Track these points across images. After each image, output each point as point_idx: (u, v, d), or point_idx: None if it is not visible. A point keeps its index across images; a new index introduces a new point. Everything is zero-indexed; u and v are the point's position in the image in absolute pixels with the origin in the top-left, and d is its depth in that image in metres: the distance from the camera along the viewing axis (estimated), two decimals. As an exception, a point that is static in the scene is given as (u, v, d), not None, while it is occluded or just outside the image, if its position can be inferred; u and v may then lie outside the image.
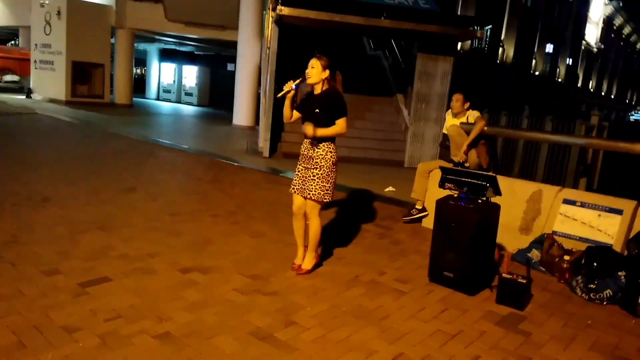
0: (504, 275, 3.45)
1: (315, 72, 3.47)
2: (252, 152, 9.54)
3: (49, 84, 16.87)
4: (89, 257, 3.63)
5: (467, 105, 5.17)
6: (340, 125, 3.48)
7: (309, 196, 3.53)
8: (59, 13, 16.03)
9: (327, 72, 3.49)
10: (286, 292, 3.35)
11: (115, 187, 5.96)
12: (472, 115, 5.12)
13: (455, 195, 3.67)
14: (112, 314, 2.81)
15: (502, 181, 3.84)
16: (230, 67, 20.91)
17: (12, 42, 25.78)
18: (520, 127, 7.41)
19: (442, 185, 3.76)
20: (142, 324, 2.74)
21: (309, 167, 3.55)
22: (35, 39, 17.35)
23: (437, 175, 4.94)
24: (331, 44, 12.30)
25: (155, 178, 6.89)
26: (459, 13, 19.23)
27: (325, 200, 3.56)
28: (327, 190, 3.54)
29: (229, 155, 9.03)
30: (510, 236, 4.48)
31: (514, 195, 4.54)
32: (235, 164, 8.28)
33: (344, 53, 10.79)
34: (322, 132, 3.45)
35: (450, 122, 5.24)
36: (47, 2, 16.66)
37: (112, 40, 17.84)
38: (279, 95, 3.54)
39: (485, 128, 4.98)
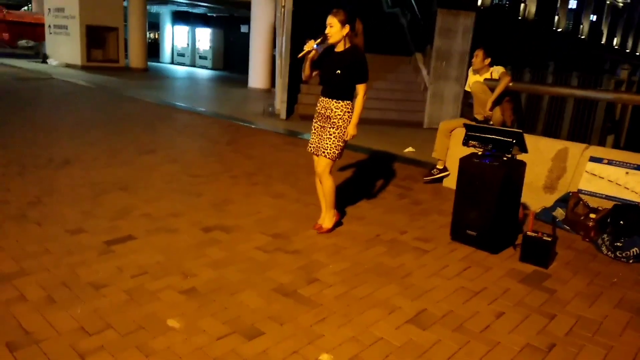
0: (528, 233, 3.40)
1: (335, 31, 3.33)
2: (269, 115, 9.46)
3: (64, 49, 16.84)
4: (113, 217, 3.67)
5: (487, 61, 4.99)
6: (361, 92, 3.42)
7: (323, 154, 3.49)
8: (70, -25, 15.83)
9: (347, 27, 3.35)
10: (308, 250, 3.35)
11: (134, 149, 5.98)
12: (497, 71, 4.94)
13: (480, 153, 3.59)
14: (138, 271, 2.85)
15: (527, 139, 3.73)
16: (244, 28, 20.56)
17: (26, 7, 25.66)
18: (545, 83, 7.18)
19: (465, 143, 3.67)
20: (168, 280, 2.77)
21: (326, 125, 3.49)
22: (48, 4, 17.21)
23: (459, 134, 4.85)
24: (347, 1, 11.96)
25: (173, 140, 6.89)
26: (480, -33, 18.47)
27: (334, 160, 3.52)
28: (340, 148, 3.51)
29: (246, 117, 8.98)
30: (535, 195, 4.40)
31: (538, 153, 4.43)
32: (253, 126, 8.23)
33: (361, 11, 10.47)
34: (354, 124, 3.44)
35: (473, 79, 5.08)
36: (58, -36, 16.46)
37: (125, 4, 17.60)
38: (300, 55, 3.41)
39: (510, 84, 4.82)
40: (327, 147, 3.47)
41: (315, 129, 3.58)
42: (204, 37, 23.09)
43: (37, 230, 3.34)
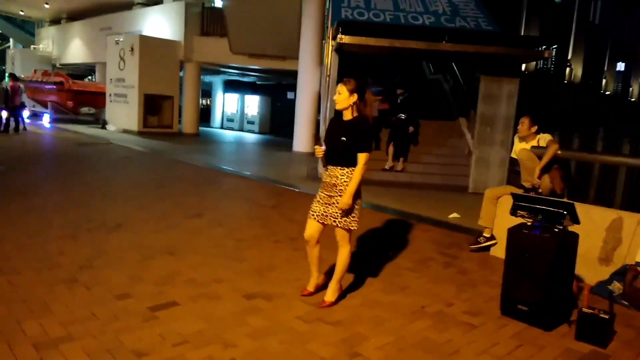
0: (583, 309, 3.20)
1: (342, 98, 3.37)
2: (312, 178, 9.59)
3: (122, 116, 17.97)
4: (158, 282, 3.74)
5: (534, 128, 4.94)
6: (361, 162, 3.34)
7: (334, 224, 3.44)
8: (132, 49, 17.16)
9: (355, 96, 3.37)
10: (349, 321, 3.27)
11: (182, 212, 6.16)
12: (544, 138, 4.87)
13: (529, 224, 3.47)
14: (180, 339, 2.85)
15: (579, 208, 3.60)
16: (290, 95, 21.45)
17: (89, 77, 27.83)
18: (595, 150, 6.98)
19: (513, 212, 3.57)
20: (209, 349, 2.75)
21: (333, 194, 3.43)
22: (110, 74, 18.62)
23: (506, 201, 4.74)
24: (390, 69, 12.33)
25: (220, 204, 7.07)
26: (522, 33, 18.72)
27: (352, 228, 3.46)
28: (353, 217, 3.43)
29: (290, 181, 9.14)
30: (589, 267, 4.18)
31: (591, 223, 4.24)
32: (296, 189, 8.36)
33: (404, 78, 10.75)
34: (350, 194, 3.33)
35: (520, 146, 5.02)
36: (121, 39, 17.92)
37: (181, 74, 18.81)
38: (323, 163, 3.53)
39: (559, 152, 4.72)
40: (338, 215, 3.41)
41: (320, 198, 3.51)
42: (252, 103, 24.22)
43: (85, 295, 3.43)
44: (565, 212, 3.35)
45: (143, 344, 2.77)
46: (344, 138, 3.37)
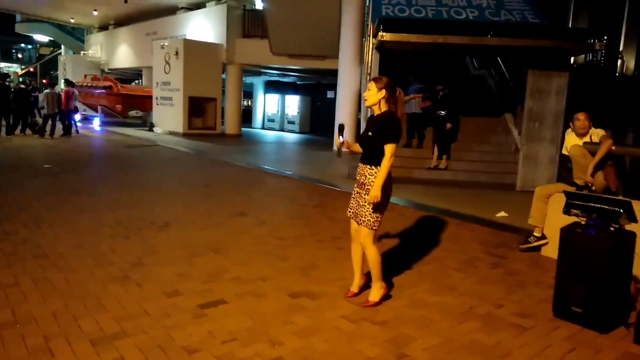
0: (643, 312, 3.04)
1: (371, 94, 3.36)
2: (353, 177, 9.54)
3: (168, 118, 18.48)
4: (206, 279, 3.82)
5: (590, 124, 4.73)
6: (388, 154, 3.26)
7: (361, 222, 3.40)
8: (177, 53, 17.61)
9: (384, 92, 3.35)
10: (395, 322, 3.23)
11: (227, 211, 6.28)
12: (597, 133, 4.66)
13: (583, 223, 3.33)
14: (228, 336, 2.90)
15: (636, 206, 3.42)
16: (330, 94, 21.47)
17: (137, 81, 28.77)
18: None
19: (567, 211, 3.44)
20: (256, 347, 2.79)
21: (362, 192, 3.41)
22: (156, 78, 19.17)
23: (557, 200, 4.57)
24: (432, 66, 12.13)
25: (263, 203, 7.16)
26: (571, 25, 18.02)
27: (374, 229, 3.40)
28: (377, 218, 3.38)
29: (331, 180, 9.15)
30: (649, 268, 3.96)
31: (650, 221, 4.02)
32: (337, 188, 8.35)
33: (447, 74, 10.54)
34: (378, 186, 3.25)
35: (572, 142, 4.82)
36: (166, 44, 18.42)
37: (223, 76, 19.17)
38: (337, 154, 3.56)
39: (613, 147, 4.51)
40: (363, 214, 3.38)
41: (354, 194, 3.51)
42: (293, 103, 24.39)
43: (137, 291, 3.55)
44: (621, 210, 3.20)
45: (193, 340, 2.84)
46: (370, 133, 3.37)
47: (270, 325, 3.09)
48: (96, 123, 19.70)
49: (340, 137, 3.48)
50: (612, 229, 3.23)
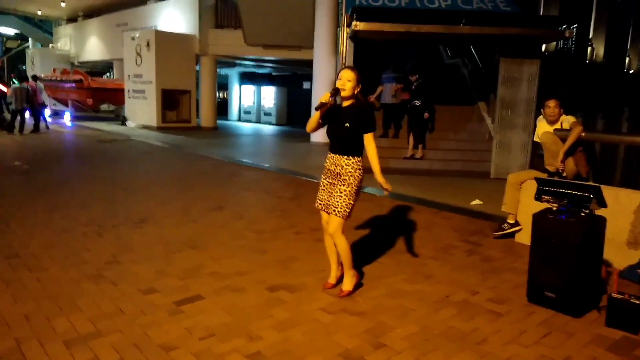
0: (613, 295, 3.13)
1: (351, 86, 3.34)
2: (331, 168, 9.57)
3: (141, 112, 18.14)
4: (183, 276, 3.78)
5: (561, 111, 4.82)
6: (372, 141, 3.36)
7: (333, 212, 3.40)
8: (148, 45, 17.26)
9: (360, 87, 3.38)
10: (373, 312, 3.26)
11: (204, 206, 6.21)
12: (567, 120, 4.75)
13: (555, 209, 3.40)
14: (206, 333, 2.88)
15: (605, 191, 3.51)
16: (306, 85, 21.38)
17: (108, 74, 28.13)
18: (620, 131, 6.80)
19: (538, 197, 3.50)
20: (234, 342, 2.77)
21: (336, 182, 3.41)
22: (127, 70, 18.79)
23: (530, 186, 4.65)
24: (406, 55, 12.17)
25: (240, 196, 7.11)
26: (542, 13, 18.27)
27: (346, 218, 3.42)
28: (350, 206, 3.40)
29: (308, 172, 9.13)
30: (618, 251, 4.08)
31: (619, 206, 4.14)
32: (315, 180, 8.34)
33: (420, 63, 10.60)
34: (379, 170, 3.36)
35: (543, 129, 4.90)
36: (137, 35, 18.04)
37: (197, 67, 18.88)
38: (316, 108, 3.39)
39: (583, 134, 4.60)
40: (338, 204, 3.38)
41: (324, 186, 3.50)
42: (269, 95, 24.21)
43: (112, 290, 3.48)
44: (591, 196, 3.27)
45: (170, 338, 2.81)
46: (347, 124, 3.35)
47: (249, 319, 3.07)
48: (67, 118, 19.22)
49: (331, 96, 3.34)
50: (582, 214, 3.30)
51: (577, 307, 3.27)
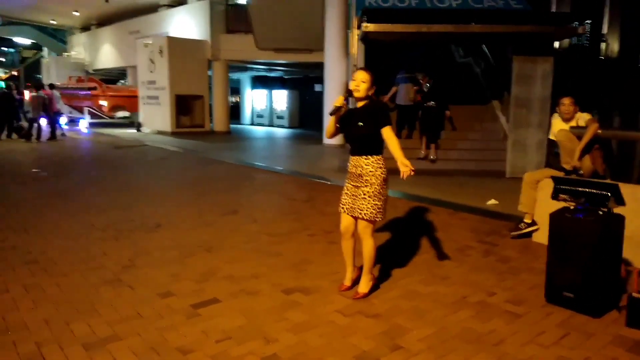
0: (633, 294, 3.07)
1: (365, 87, 3.33)
2: (344, 170, 9.54)
3: (155, 118, 18.33)
4: (199, 279, 3.80)
5: (576, 108, 4.76)
6: (391, 134, 3.28)
7: (360, 215, 3.36)
8: (161, 51, 17.45)
9: (375, 88, 3.38)
10: (389, 313, 3.24)
11: (218, 210, 6.25)
12: (583, 118, 4.69)
13: (572, 207, 3.36)
14: (222, 335, 2.89)
15: (624, 189, 3.45)
16: (318, 87, 21.42)
17: (122, 81, 28.50)
18: (637, 128, 6.69)
19: (555, 196, 3.46)
20: (250, 345, 2.78)
21: (359, 185, 3.37)
22: (141, 77, 19.01)
23: (546, 185, 4.60)
24: (418, 55, 12.13)
25: (254, 200, 7.14)
26: (554, 10, 18.07)
27: (377, 219, 3.38)
28: (379, 208, 3.36)
29: (322, 174, 9.14)
30: (638, 249, 4.00)
31: (638, 203, 4.06)
32: (328, 182, 8.35)
33: (432, 63, 10.57)
34: (399, 155, 3.20)
35: (558, 126, 4.84)
36: (150, 42, 18.24)
37: (209, 72, 19.03)
38: (331, 113, 3.40)
39: (599, 131, 4.54)
40: (364, 207, 3.34)
41: (347, 189, 3.47)
42: (281, 98, 24.29)
43: (130, 294, 3.52)
44: (609, 194, 3.22)
45: (187, 341, 2.83)
46: (361, 123, 3.34)
47: (264, 322, 3.08)
48: (83, 125, 19.49)
49: (345, 100, 3.38)
50: (600, 212, 3.25)
51: (596, 307, 3.22)
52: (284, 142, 17.46)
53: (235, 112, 25.76)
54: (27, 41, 35.07)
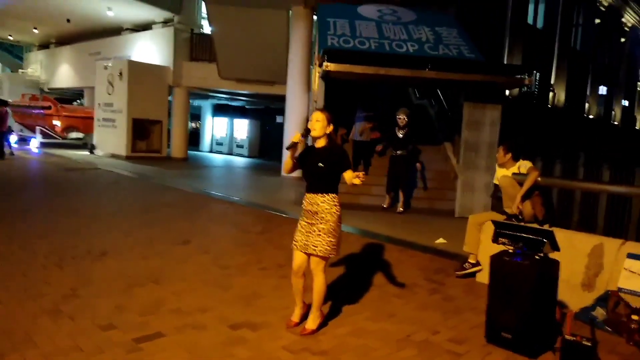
0: (567, 337, 3.24)
1: (321, 126, 3.49)
2: (301, 203, 9.61)
3: (110, 140, 17.91)
4: (143, 311, 3.72)
5: (508, 155, 5.08)
6: (351, 176, 3.42)
7: (314, 252, 3.45)
8: (120, 74, 17.22)
9: (331, 126, 3.53)
10: (336, 351, 3.27)
11: (169, 239, 6.14)
12: (524, 165, 4.98)
13: (511, 251, 3.54)
14: (164, 372, 2.83)
15: (560, 234, 3.68)
16: (279, 119, 21.64)
17: (77, 101, 27.79)
18: (576, 176, 7.13)
19: (495, 240, 3.64)
20: (193, 382, 2.74)
21: (314, 222, 3.47)
22: (98, 99, 18.62)
23: (490, 227, 4.78)
24: (376, 94, 12.53)
25: (207, 230, 7.06)
26: (505, 61, 19.16)
27: (331, 256, 3.49)
28: (333, 245, 3.47)
29: (278, 206, 9.15)
30: (573, 293, 4.23)
31: (573, 249, 4.32)
32: (284, 215, 8.37)
33: (390, 103, 10.94)
34: (354, 180, 3.36)
35: (501, 172, 5.12)
36: (110, 64, 17.99)
37: (170, 98, 18.89)
38: (287, 147, 3.53)
39: (539, 179, 4.83)
40: (318, 244, 3.43)
41: (302, 227, 3.55)
42: (242, 127, 24.33)
43: (70, 325, 3.40)
44: (544, 240, 3.42)
45: (127, 377, 2.75)
46: (321, 164, 3.45)
47: (209, 358, 3.04)
48: (33, 144, 18.78)
49: (303, 137, 3.48)
50: (537, 257, 3.44)
51: (533, 348, 3.37)
52: (243, 171, 17.40)
53: (194, 138, 25.53)
54: (-21, 55, 33.80)
